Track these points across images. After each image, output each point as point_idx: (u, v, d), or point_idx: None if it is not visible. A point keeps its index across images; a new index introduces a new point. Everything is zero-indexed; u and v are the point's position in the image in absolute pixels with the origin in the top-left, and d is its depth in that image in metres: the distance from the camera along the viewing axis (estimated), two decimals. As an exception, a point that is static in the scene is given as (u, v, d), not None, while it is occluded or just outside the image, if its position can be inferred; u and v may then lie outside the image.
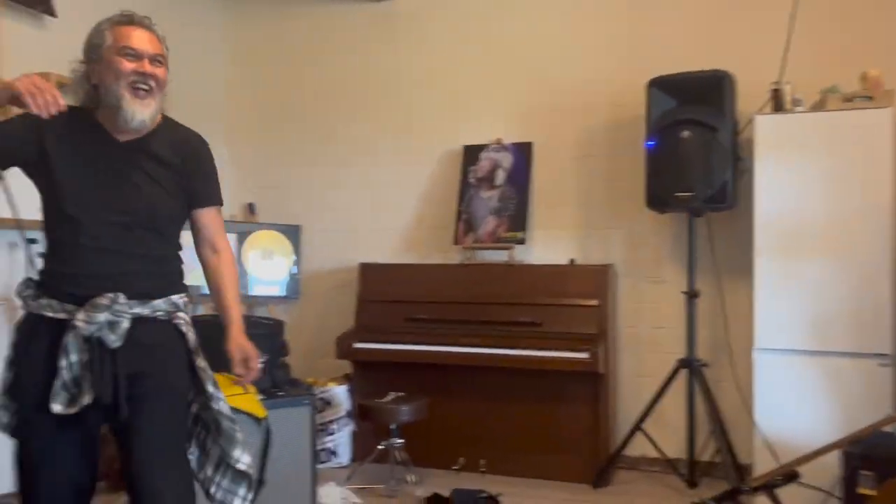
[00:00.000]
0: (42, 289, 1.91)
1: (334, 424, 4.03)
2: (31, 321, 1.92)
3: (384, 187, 4.63)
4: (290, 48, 4.85)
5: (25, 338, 1.92)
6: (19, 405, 1.91)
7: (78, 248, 1.90)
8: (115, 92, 1.87)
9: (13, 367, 1.92)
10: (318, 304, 4.69)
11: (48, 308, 1.88)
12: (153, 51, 1.93)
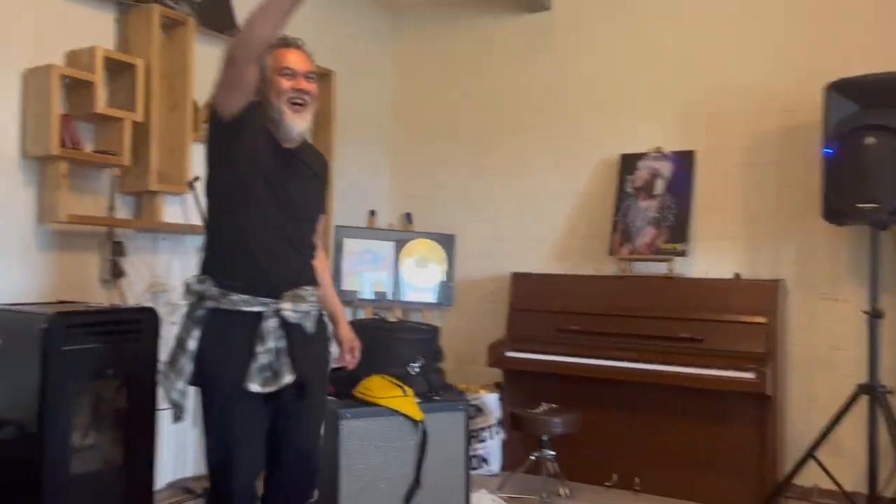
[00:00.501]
0: (228, 286, 2.08)
1: (485, 432, 4.06)
2: (220, 315, 2.09)
3: (538, 197, 4.62)
4: (451, 62, 4.98)
5: (220, 330, 2.09)
6: (213, 392, 2.10)
7: (264, 249, 2.12)
8: (276, 107, 2.14)
9: (202, 357, 2.09)
10: (469, 312, 4.75)
11: (243, 303, 2.08)
12: (306, 68, 2.20)
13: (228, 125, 2.08)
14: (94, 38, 3.23)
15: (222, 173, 2.15)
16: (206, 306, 2.10)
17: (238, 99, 2.06)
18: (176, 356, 2.11)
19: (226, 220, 2.15)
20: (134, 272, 3.43)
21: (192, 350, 2.09)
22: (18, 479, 2.45)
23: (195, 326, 2.10)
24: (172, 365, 2.12)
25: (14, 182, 3.01)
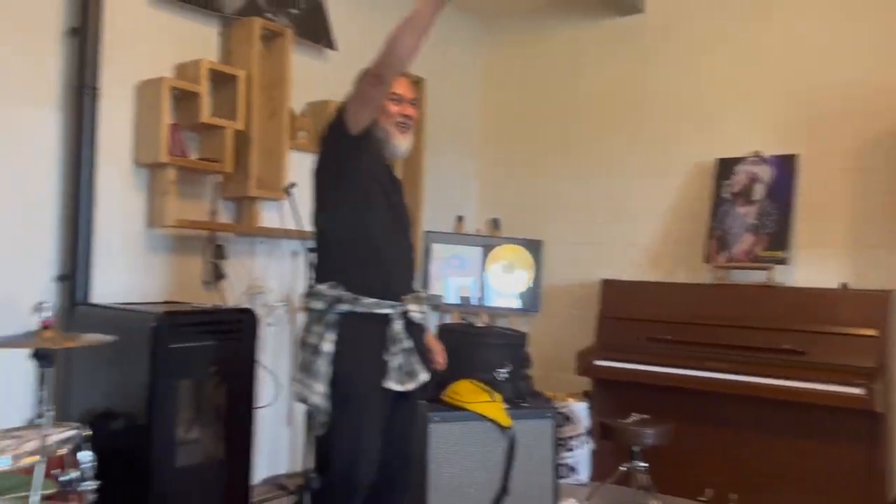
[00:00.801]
0: (360, 290, 2.20)
1: (574, 441, 4.00)
2: (354, 318, 2.20)
3: (629, 202, 4.54)
4: (541, 67, 4.96)
5: (355, 333, 2.20)
6: (350, 392, 2.18)
7: (388, 254, 2.28)
8: (385, 128, 2.32)
9: (343, 360, 2.18)
10: (556, 319, 4.70)
11: (376, 306, 2.21)
12: (411, 96, 2.40)
13: (355, 139, 2.23)
14: (200, 51, 3.39)
15: (347, 185, 2.27)
16: (339, 310, 2.19)
17: (370, 115, 2.22)
18: (310, 360, 2.20)
19: (353, 229, 2.27)
20: (233, 274, 3.58)
21: (328, 352, 2.18)
22: (128, 470, 2.58)
23: (329, 330, 2.19)
24: (307, 369, 2.20)
25: (127, 188, 3.19)
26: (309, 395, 2.19)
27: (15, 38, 2.82)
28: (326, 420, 2.20)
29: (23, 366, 2.80)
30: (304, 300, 2.31)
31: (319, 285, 2.24)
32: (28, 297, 2.83)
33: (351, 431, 2.20)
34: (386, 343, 2.21)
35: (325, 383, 2.17)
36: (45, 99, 2.92)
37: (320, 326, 2.21)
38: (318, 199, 2.36)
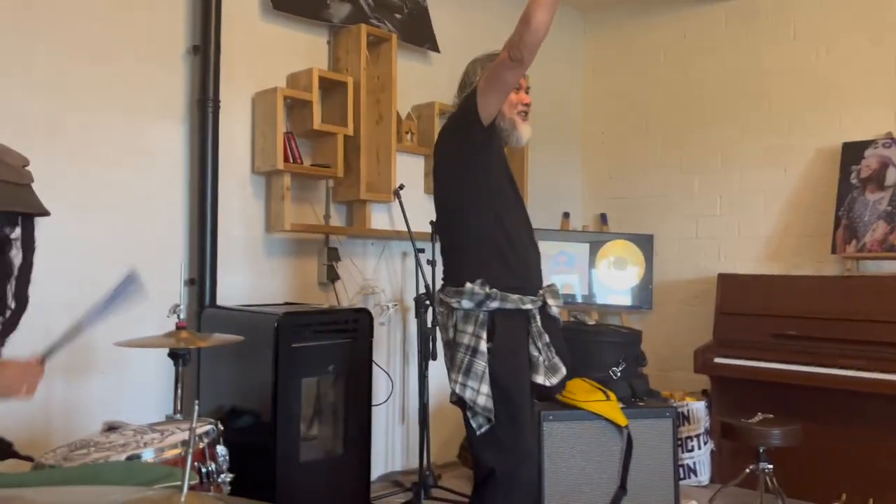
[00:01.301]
0: (506, 287, 2.18)
1: (692, 441, 3.87)
2: (503, 316, 2.16)
3: (744, 192, 4.34)
4: (646, 56, 4.83)
5: (505, 330, 2.17)
6: (509, 390, 2.16)
7: (523, 247, 2.25)
8: (509, 117, 2.26)
9: (500, 358, 2.15)
10: (670, 315, 4.56)
11: (520, 302, 2.19)
12: (526, 83, 2.34)
13: (486, 130, 2.21)
14: (311, 60, 3.51)
15: (479, 179, 2.23)
16: (488, 308, 2.15)
17: (500, 102, 2.20)
18: (470, 361, 2.14)
19: (489, 224, 2.23)
20: (346, 276, 3.68)
21: (485, 352, 2.14)
22: (255, 464, 2.70)
23: (482, 329, 2.15)
24: (467, 370, 2.14)
25: (246, 196, 3.34)
26: (475, 396, 2.13)
27: (145, 59, 3.01)
28: (489, 420, 2.15)
29: (157, 364, 3.00)
30: (447, 299, 2.22)
31: (469, 283, 2.16)
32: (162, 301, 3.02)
33: (515, 429, 2.16)
34: (532, 338, 2.20)
35: (487, 383, 2.12)
36: (172, 114, 3.10)
37: (472, 325, 2.16)
38: (445, 195, 2.31)
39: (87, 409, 2.81)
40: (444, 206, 2.32)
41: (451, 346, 2.21)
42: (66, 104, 2.79)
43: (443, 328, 2.26)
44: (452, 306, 2.18)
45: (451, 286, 2.22)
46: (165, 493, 1.11)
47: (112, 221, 2.90)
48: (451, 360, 2.21)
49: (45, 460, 1.67)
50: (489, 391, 2.12)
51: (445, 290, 2.24)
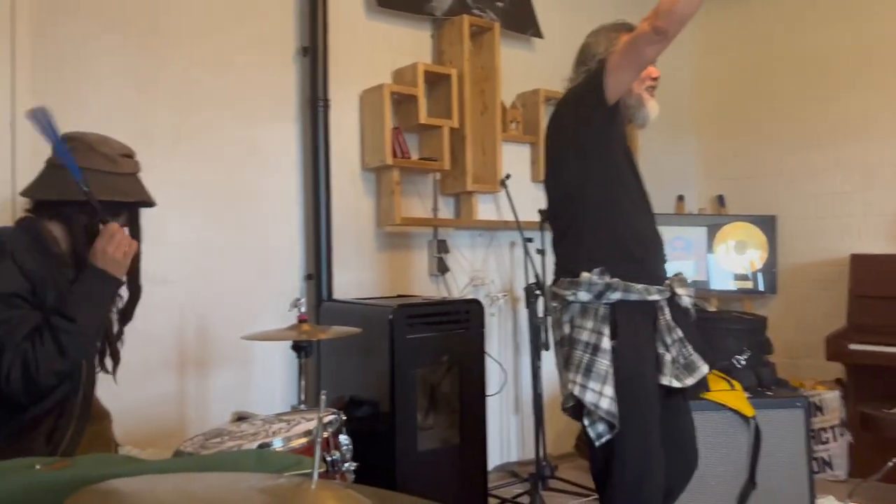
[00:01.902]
0: (629, 276, 1.96)
1: (826, 433, 3.64)
2: (626, 308, 1.95)
3: (879, 167, 4.02)
4: (762, 29, 4.56)
5: (629, 324, 1.95)
6: (639, 392, 1.94)
7: (646, 233, 2.08)
8: (637, 94, 2.09)
9: (625, 357, 1.93)
10: (797, 300, 4.30)
11: (646, 292, 1.97)
12: None
13: (610, 109, 2.01)
14: (415, 54, 3.54)
15: (600, 161, 2.05)
16: (609, 300, 1.95)
17: (633, 80, 2.01)
18: (591, 361, 1.93)
19: (611, 210, 2.03)
20: (455, 267, 3.69)
21: (608, 349, 1.92)
22: (375, 454, 2.76)
23: (604, 324, 1.94)
24: (588, 371, 1.92)
25: (358, 192, 3.42)
26: (596, 399, 1.91)
27: (259, 63, 3.13)
28: (612, 427, 1.92)
29: (279, 357, 3.13)
30: (561, 291, 2.02)
31: (586, 273, 1.96)
32: (281, 297, 3.14)
33: (640, 436, 1.94)
34: (659, 334, 1.97)
35: (612, 385, 1.90)
36: (285, 115, 3.21)
37: (591, 320, 1.95)
38: (560, 179, 2.11)
39: (217, 399, 2.97)
40: (559, 192, 2.13)
41: (566, 344, 2.00)
42: (189, 112, 2.94)
43: (556, 324, 2.05)
44: (568, 299, 1.99)
45: (566, 277, 2.02)
46: (296, 480, 1.14)
47: (233, 221, 3.04)
48: (567, 360, 1.98)
49: (185, 448, 1.76)
50: (613, 394, 1.90)
51: (559, 282, 2.04)
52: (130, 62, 2.81)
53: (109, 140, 1.76)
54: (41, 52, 2.61)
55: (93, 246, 1.65)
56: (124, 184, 1.74)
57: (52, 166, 1.72)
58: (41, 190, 1.70)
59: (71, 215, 1.68)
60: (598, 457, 1.98)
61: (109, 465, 1.38)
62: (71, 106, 2.66)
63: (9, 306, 1.54)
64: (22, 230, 1.68)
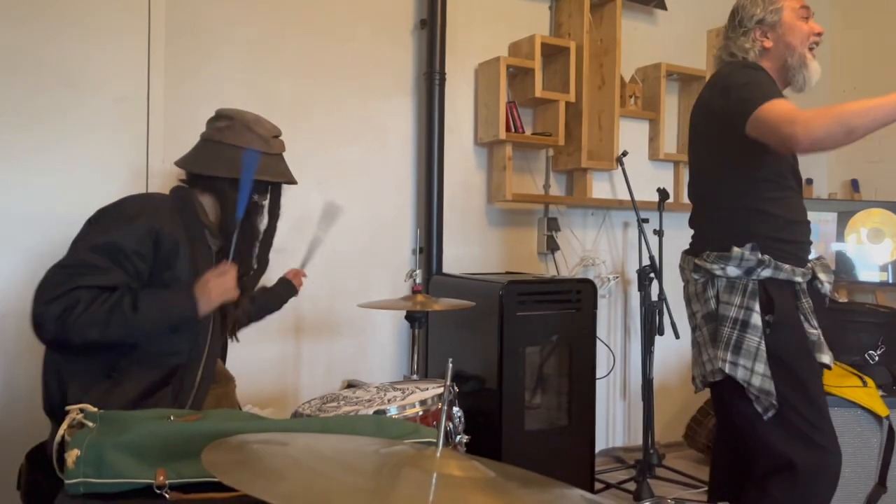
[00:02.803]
0: (776, 254, 1.91)
1: (968, 440, 3.34)
2: (775, 286, 1.90)
3: None
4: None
5: (783, 302, 1.90)
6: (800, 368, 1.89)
7: (795, 212, 1.98)
8: (799, 53, 2.00)
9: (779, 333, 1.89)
10: (939, 295, 3.97)
11: (792, 273, 1.91)
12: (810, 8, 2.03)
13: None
14: (532, 27, 3.46)
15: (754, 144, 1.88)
16: (758, 276, 1.90)
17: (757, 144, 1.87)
18: (739, 337, 1.90)
19: (761, 185, 1.95)
20: (566, 246, 3.62)
21: (758, 325, 1.88)
22: (481, 430, 2.75)
23: (752, 300, 1.90)
24: (738, 348, 1.90)
25: (470, 167, 3.39)
26: (748, 376, 1.88)
27: (378, 36, 3.15)
28: (773, 404, 1.88)
29: (391, 328, 3.17)
30: (707, 264, 1.97)
31: (737, 248, 1.91)
32: (393, 268, 3.17)
33: (814, 412, 1.89)
34: (805, 315, 1.91)
35: (763, 361, 1.86)
36: (401, 88, 3.22)
37: (739, 296, 1.91)
38: (710, 154, 2.04)
39: (327, 366, 3.04)
40: (708, 166, 2.05)
41: (712, 320, 1.95)
42: (307, 84, 3.00)
43: (697, 298, 2.01)
44: (715, 273, 1.94)
45: (714, 251, 1.96)
46: (419, 447, 1.13)
47: (349, 193, 3.08)
48: (714, 336, 1.94)
49: (303, 410, 1.80)
50: (766, 370, 1.86)
51: (704, 255, 1.98)
52: (253, 33, 2.89)
53: (262, 120, 1.83)
54: (173, 25, 2.71)
55: (204, 274, 1.66)
56: (274, 164, 1.80)
57: (207, 141, 1.80)
58: (197, 163, 1.78)
59: (222, 189, 1.75)
60: (768, 433, 1.90)
61: (237, 419, 1.42)
62: (200, 78, 2.77)
63: (106, 256, 1.56)
64: (173, 196, 1.76)
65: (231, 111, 1.81)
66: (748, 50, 2.02)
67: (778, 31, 2.00)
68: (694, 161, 2.14)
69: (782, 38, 2.00)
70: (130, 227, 1.60)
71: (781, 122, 1.74)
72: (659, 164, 3.81)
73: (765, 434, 1.90)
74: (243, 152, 1.73)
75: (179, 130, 2.61)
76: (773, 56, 2.01)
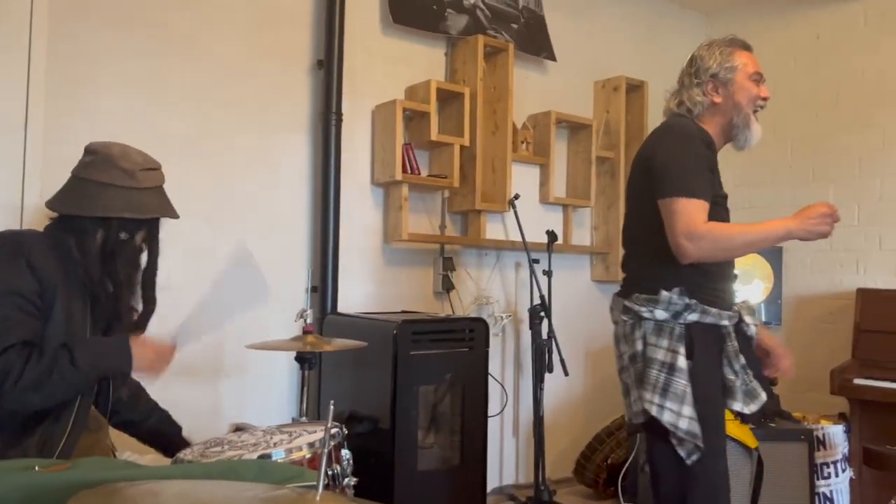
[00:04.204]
0: (706, 299, 1.97)
1: (829, 468, 3.59)
2: (700, 330, 1.95)
3: (886, 201, 4.02)
4: (774, 60, 4.55)
5: (703, 347, 1.95)
6: (711, 414, 1.94)
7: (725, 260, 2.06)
8: (745, 113, 2.08)
9: (699, 378, 1.93)
10: (802, 333, 4.28)
11: (718, 316, 1.97)
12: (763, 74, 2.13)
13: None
14: (428, 72, 3.56)
15: None
16: (685, 320, 1.95)
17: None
18: (667, 380, 1.92)
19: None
20: (461, 286, 3.68)
21: (684, 369, 1.92)
22: (373, 471, 2.73)
23: (678, 343, 1.93)
24: (665, 391, 1.92)
25: (367, 207, 3.41)
26: (675, 420, 1.90)
27: (274, 75, 3.14)
28: (697, 448, 1.91)
29: (280, 369, 3.11)
30: (635, 306, 2.00)
31: (665, 292, 1.95)
32: (285, 308, 3.13)
33: (715, 459, 1.95)
34: (728, 359, 1.98)
35: (690, 405, 1.90)
36: (298, 127, 3.22)
37: (666, 339, 1.94)
38: (643, 201, 2.05)
39: (216, 410, 2.94)
40: (639, 212, 2.11)
41: (639, 361, 2.00)
42: (202, 120, 2.95)
43: (625, 339, 2.05)
44: (643, 315, 1.98)
45: (642, 293, 2.00)
46: (301, 491, 1.12)
47: (242, 230, 3.04)
48: (642, 377, 1.98)
49: (184, 456, 1.74)
50: (692, 413, 1.89)
51: (633, 297, 2.02)
52: (144, 67, 2.82)
53: (131, 153, 1.75)
54: (55, 56, 2.61)
55: (142, 334, 1.69)
56: (144, 198, 1.72)
57: (74, 177, 1.74)
58: (61, 202, 1.72)
59: (85, 228, 1.68)
60: (669, 480, 1.98)
61: (109, 468, 1.36)
62: (83, 111, 2.67)
63: (10, 306, 1.52)
64: (47, 235, 1.69)
65: (97, 145, 1.74)
66: (697, 103, 2.09)
67: (729, 89, 2.07)
68: (628, 206, 2.22)
69: (732, 97, 2.08)
70: (12, 267, 1.53)
71: (680, 230, 1.90)
72: (549, 207, 3.96)
73: (674, 474, 1.95)
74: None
75: (60, 165, 2.50)
76: (721, 111, 2.09)
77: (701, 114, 2.10)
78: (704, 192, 1.94)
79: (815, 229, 1.92)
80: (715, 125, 2.10)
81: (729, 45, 2.10)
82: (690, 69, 2.12)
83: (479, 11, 3.74)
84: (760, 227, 1.97)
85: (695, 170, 1.97)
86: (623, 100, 4.13)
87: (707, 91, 2.08)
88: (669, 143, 2.03)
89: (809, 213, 1.91)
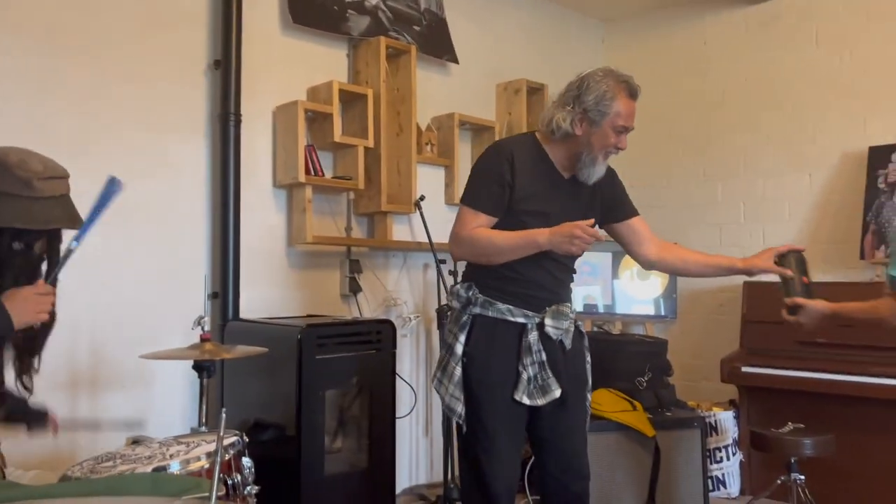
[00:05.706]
0: (493, 295, 2.18)
1: (721, 452, 3.80)
2: (487, 323, 2.18)
3: (769, 199, 4.28)
4: (666, 64, 4.79)
5: (487, 338, 2.17)
6: (480, 397, 2.15)
7: (527, 263, 2.17)
8: (595, 155, 2.17)
9: (472, 363, 2.17)
10: (696, 325, 4.50)
11: (508, 313, 2.17)
12: (632, 126, 2.22)
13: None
14: (330, 73, 3.52)
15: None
16: (471, 312, 2.19)
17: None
18: (446, 360, 2.21)
19: None
20: (368, 288, 3.67)
21: (458, 354, 2.17)
22: (279, 478, 2.69)
23: (461, 331, 2.18)
24: (444, 370, 2.21)
25: (269, 209, 3.35)
26: (444, 393, 2.20)
27: (169, 76, 3.04)
28: (462, 423, 2.19)
29: (181, 378, 3.01)
30: (448, 299, 2.35)
31: (457, 286, 2.27)
32: (185, 315, 3.03)
33: (484, 438, 2.16)
34: (522, 353, 2.15)
35: (456, 384, 2.16)
36: (195, 129, 3.12)
37: (455, 325, 2.22)
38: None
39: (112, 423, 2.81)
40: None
41: (441, 344, 2.35)
42: (93, 121, 2.82)
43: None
44: (451, 304, 2.29)
45: (455, 286, 2.31)
46: (197, 502, 1.09)
47: (137, 235, 2.92)
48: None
49: (72, 473, 1.66)
50: (457, 393, 2.16)
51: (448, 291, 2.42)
52: (35, 67, 2.68)
53: (31, 161, 1.65)
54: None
55: (19, 286, 1.57)
56: (41, 208, 1.64)
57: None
58: None
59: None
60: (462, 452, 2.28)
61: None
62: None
63: None
64: None
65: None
66: (561, 126, 2.16)
67: (591, 129, 2.14)
68: None
69: (589, 136, 2.15)
70: None
71: (453, 234, 2.21)
72: (454, 207, 3.97)
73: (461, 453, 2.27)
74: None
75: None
76: (575, 142, 2.18)
77: (558, 136, 2.20)
78: (484, 204, 2.15)
79: (560, 246, 2.03)
80: (566, 150, 2.21)
81: (617, 86, 2.14)
82: (575, 90, 2.18)
83: (381, 13, 3.73)
84: (511, 235, 2.12)
85: (482, 184, 2.18)
86: (524, 102, 4.22)
87: (574, 120, 2.15)
88: (479, 159, 2.29)
89: (562, 230, 2.02)
